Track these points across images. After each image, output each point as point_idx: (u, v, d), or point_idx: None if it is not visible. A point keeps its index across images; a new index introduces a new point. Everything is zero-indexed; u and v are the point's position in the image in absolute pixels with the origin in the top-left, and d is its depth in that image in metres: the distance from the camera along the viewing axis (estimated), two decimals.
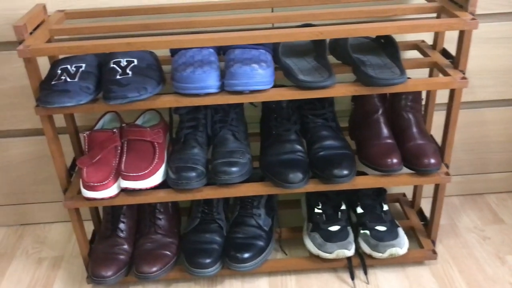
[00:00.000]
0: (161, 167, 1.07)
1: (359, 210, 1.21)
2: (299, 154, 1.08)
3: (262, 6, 1.10)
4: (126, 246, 1.17)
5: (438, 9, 1.01)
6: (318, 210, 1.21)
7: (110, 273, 1.10)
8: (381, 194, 1.22)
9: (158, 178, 1.05)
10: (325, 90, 0.95)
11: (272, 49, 1.03)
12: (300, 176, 1.04)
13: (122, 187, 1.04)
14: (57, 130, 1.24)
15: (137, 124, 1.12)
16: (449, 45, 1.10)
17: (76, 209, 1.11)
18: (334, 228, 1.17)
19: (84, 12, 1.08)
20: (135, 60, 0.98)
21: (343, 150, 1.09)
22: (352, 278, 1.16)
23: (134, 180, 1.02)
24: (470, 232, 1.31)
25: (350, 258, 1.16)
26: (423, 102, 1.17)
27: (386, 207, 1.21)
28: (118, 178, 1.05)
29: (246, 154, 1.09)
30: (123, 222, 1.19)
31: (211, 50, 1.01)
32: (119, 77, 0.95)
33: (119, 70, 0.96)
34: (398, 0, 1.13)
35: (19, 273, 1.25)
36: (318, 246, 1.15)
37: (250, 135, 1.18)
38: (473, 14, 0.93)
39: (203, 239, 1.17)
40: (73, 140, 1.17)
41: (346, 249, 1.13)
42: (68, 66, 0.98)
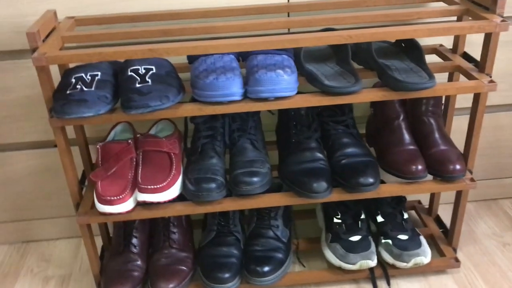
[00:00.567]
0: (178, 179, 1.02)
1: (380, 219, 1.18)
2: (321, 162, 1.04)
3: (279, 11, 1.07)
4: (139, 262, 1.12)
5: (463, 11, 0.99)
6: (337, 220, 1.17)
7: None
8: (401, 202, 1.19)
9: (176, 190, 1.01)
10: (352, 96, 0.92)
11: (293, 54, 1.00)
12: (324, 185, 1.00)
13: (139, 201, 0.99)
14: (72, 141, 1.20)
15: (152, 134, 1.07)
16: (468, 48, 1.09)
17: (87, 224, 1.05)
18: (355, 238, 1.13)
19: (94, 18, 1.04)
20: (154, 67, 0.94)
21: (366, 158, 1.06)
22: None
23: (152, 193, 0.98)
24: (489, 238, 1.29)
25: (372, 269, 1.13)
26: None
27: (406, 215, 1.19)
28: (134, 191, 1.00)
29: (266, 163, 1.05)
30: (136, 237, 1.14)
31: (232, 56, 0.97)
32: (139, 85, 0.90)
33: (138, 78, 0.92)
34: (413, 3, 1.11)
35: None
36: (340, 257, 1.11)
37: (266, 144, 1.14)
38: (501, 16, 0.91)
39: (221, 253, 1.12)
40: (82, 152, 1.12)
41: (369, 259, 1.10)
42: (82, 75, 0.93)
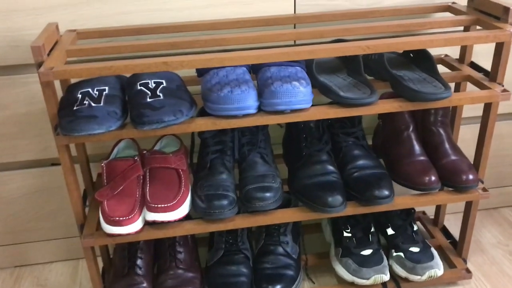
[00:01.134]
0: (188, 196, 0.98)
1: (390, 231, 1.16)
2: (334, 175, 1.02)
3: (285, 23, 1.06)
4: (145, 284, 1.07)
5: (473, 21, 0.99)
6: (347, 234, 1.15)
7: None
8: (410, 214, 1.18)
9: (186, 208, 0.97)
10: (369, 107, 0.91)
11: (305, 66, 0.98)
12: (340, 199, 0.98)
13: (148, 220, 0.95)
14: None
15: (159, 150, 1.03)
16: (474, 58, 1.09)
17: (91, 247, 1.00)
18: (367, 252, 1.11)
19: (97, 31, 1.00)
20: (164, 81, 0.91)
21: (378, 170, 1.04)
22: None
23: (162, 211, 0.93)
24: (495, 247, 1.28)
25: (385, 283, 1.11)
26: None
27: (416, 227, 1.17)
28: (142, 210, 0.96)
29: (277, 178, 1.02)
30: (141, 258, 1.09)
31: (244, 69, 0.94)
32: (150, 100, 0.87)
33: (149, 92, 0.88)
34: (420, 14, 1.10)
35: None
36: (353, 272, 1.09)
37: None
38: None
39: (230, 272, 1.08)
40: (84, 170, 1.07)
41: (383, 273, 1.08)
42: (89, 90, 0.89)
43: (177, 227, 0.97)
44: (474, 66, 1.07)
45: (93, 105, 0.85)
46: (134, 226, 0.93)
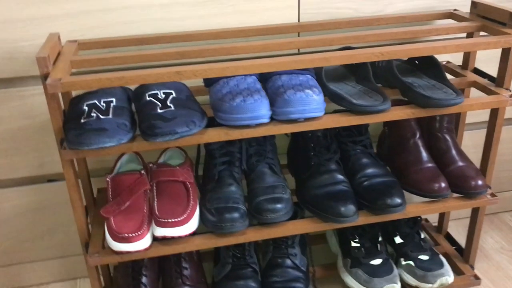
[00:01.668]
0: (196, 210, 0.95)
1: (398, 240, 1.15)
2: (344, 185, 1.01)
3: (290, 31, 1.04)
4: None
5: (478, 27, 1.00)
6: (355, 244, 1.13)
7: None
8: (417, 222, 1.17)
9: (195, 222, 0.94)
10: (382, 115, 0.89)
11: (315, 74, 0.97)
12: (353, 208, 0.96)
13: (157, 236, 0.91)
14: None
15: (165, 163, 1.00)
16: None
17: (96, 266, 0.96)
18: (376, 262, 1.10)
19: (99, 41, 0.97)
20: (173, 91, 0.88)
21: (388, 178, 1.03)
22: None
23: (172, 226, 0.90)
24: (498, 253, 1.29)
25: None
26: None
27: (423, 235, 1.16)
28: (150, 226, 0.92)
29: (286, 188, 1.00)
30: (145, 276, 1.06)
31: (254, 78, 0.93)
32: (161, 111, 0.84)
33: (159, 103, 0.85)
34: (423, 21, 1.11)
35: None
36: (364, 283, 1.07)
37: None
38: None
39: (238, 287, 1.05)
40: (85, 186, 1.03)
41: (394, 283, 1.06)
42: (96, 102, 0.86)
43: (186, 243, 0.94)
44: (478, 72, 1.08)
45: (101, 117, 0.82)
46: (144, 243, 0.89)
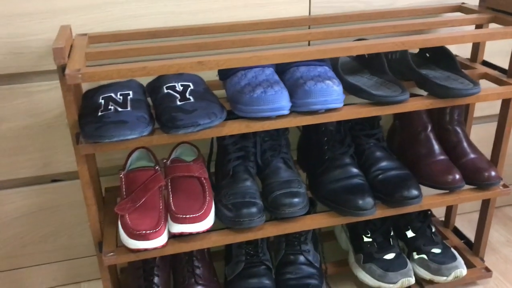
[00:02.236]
0: (212, 206, 0.93)
1: (410, 234, 1.14)
2: (360, 178, 1.00)
3: (301, 24, 1.04)
4: None
5: (490, 19, 1.00)
6: (367, 239, 1.12)
7: None
8: (427, 216, 1.17)
9: (212, 218, 0.92)
10: (401, 105, 0.89)
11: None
12: (371, 201, 0.95)
13: (174, 233, 0.89)
14: (73, 175, 1.08)
15: (180, 158, 0.98)
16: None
17: (108, 266, 0.93)
18: (390, 256, 1.09)
19: (110, 35, 0.94)
20: (191, 83, 0.86)
21: (402, 171, 1.02)
22: None
23: (190, 223, 0.88)
24: (505, 246, 1.29)
25: (410, 287, 1.09)
26: None
27: (434, 229, 1.16)
28: (166, 223, 0.90)
29: (302, 183, 0.99)
30: (158, 276, 1.03)
31: (272, 70, 0.91)
32: (180, 103, 0.82)
33: (178, 96, 0.83)
34: (433, 14, 1.11)
35: None
36: (378, 278, 1.06)
37: None
38: None
39: (252, 285, 1.03)
40: (94, 185, 1.00)
41: (409, 276, 1.05)
42: (112, 95, 0.83)
43: (203, 239, 0.92)
44: (487, 65, 1.08)
45: (119, 110, 0.80)
46: (161, 240, 0.87)
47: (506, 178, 1.42)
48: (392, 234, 1.14)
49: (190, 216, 0.88)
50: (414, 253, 1.12)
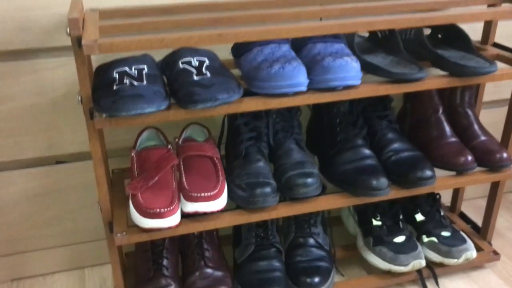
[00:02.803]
0: (225, 186, 0.91)
1: (420, 217, 1.14)
2: (373, 159, 0.99)
3: (312, 3, 1.02)
4: (174, 286, 0.98)
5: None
6: (377, 222, 1.11)
7: None
8: (436, 200, 1.16)
9: (225, 198, 0.90)
10: (418, 83, 0.88)
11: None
12: (385, 181, 0.94)
13: (188, 212, 0.87)
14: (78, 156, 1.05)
15: (192, 137, 0.96)
16: None
17: (119, 247, 0.91)
18: (400, 239, 1.08)
19: (121, 10, 0.92)
20: (206, 59, 0.84)
21: (414, 152, 1.02)
22: None
23: (205, 201, 0.86)
24: (510, 231, 1.30)
25: (420, 270, 1.08)
26: None
27: (442, 212, 1.16)
28: (180, 202, 0.88)
29: (314, 164, 0.97)
30: (167, 258, 1.01)
31: (288, 46, 0.89)
32: (197, 77, 0.80)
33: (194, 70, 0.81)
34: None
35: None
36: (389, 260, 1.05)
37: None
38: None
39: (263, 268, 1.02)
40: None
41: (420, 259, 1.05)
42: (126, 69, 0.81)
43: (217, 219, 0.90)
44: (498, 47, 1.08)
45: (135, 84, 0.77)
46: (175, 219, 0.85)
47: None
48: (401, 217, 1.13)
49: (205, 194, 0.86)
50: (424, 236, 1.11)
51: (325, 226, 1.11)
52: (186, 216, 0.88)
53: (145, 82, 0.78)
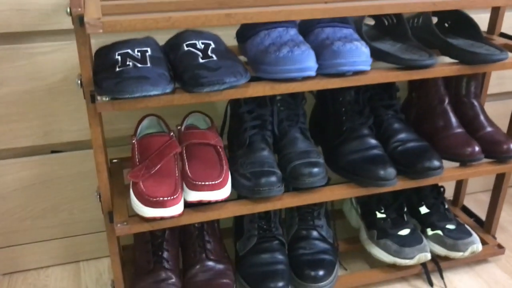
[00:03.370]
0: (229, 175, 0.88)
1: (424, 210, 1.12)
2: (379, 149, 0.96)
3: None
4: (174, 279, 0.95)
5: None
6: (381, 215, 1.09)
7: None
8: (440, 192, 1.14)
9: (229, 187, 0.87)
10: (429, 70, 0.86)
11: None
12: (393, 171, 0.92)
13: (192, 201, 0.84)
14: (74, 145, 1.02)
15: (195, 125, 0.93)
16: None
17: (118, 238, 0.88)
18: (404, 232, 1.06)
19: None
20: (211, 42, 0.81)
21: (420, 142, 1.00)
22: (431, 284, 1.06)
23: (209, 190, 0.83)
24: None
25: (425, 263, 1.06)
26: None
27: (446, 205, 1.14)
28: (182, 191, 0.85)
29: (319, 154, 0.95)
30: (167, 251, 0.98)
31: (296, 30, 0.87)
32: (203, 60, 0.77)
33: (199, 53, 0.78)
34: None
35: None
36: (394, 253, 1.03)
37: None
38: None
39: (266, 260, 0.99)
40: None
41: (426, 251, 1.03)
42: (129, 51, 0.78)
43: (221, 209, 0.87)
44: (505, 36, 1.06)
45: (139, 66, 0.74)
46: (179, 208, 0.82)
47: None
48: (405, 210, 1.11)
49: (209, 183, 0.83)
50: (428, 229, 1.09)
51: (328, 218, 1.09)
52: (188, 206, 0.85)
53: (149, 64, 0.75)
